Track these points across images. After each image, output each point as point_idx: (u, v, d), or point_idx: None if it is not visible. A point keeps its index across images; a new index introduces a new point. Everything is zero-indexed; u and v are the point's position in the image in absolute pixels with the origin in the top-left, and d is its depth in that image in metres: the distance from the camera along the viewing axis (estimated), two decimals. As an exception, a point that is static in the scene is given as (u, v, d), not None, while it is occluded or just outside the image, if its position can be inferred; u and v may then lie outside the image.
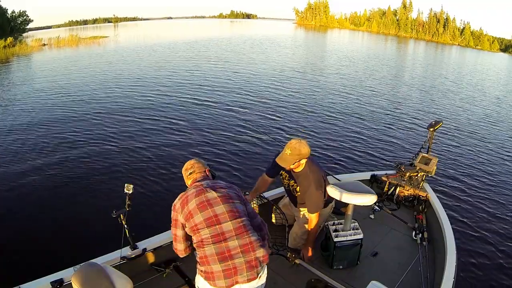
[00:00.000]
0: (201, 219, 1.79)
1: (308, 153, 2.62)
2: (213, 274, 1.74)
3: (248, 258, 1.75)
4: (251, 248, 1.77)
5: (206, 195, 1.85)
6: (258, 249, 1.79)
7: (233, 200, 1.88)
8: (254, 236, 1.82)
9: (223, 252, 1.73)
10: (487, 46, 72.45)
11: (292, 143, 2.61)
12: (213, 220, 1.78)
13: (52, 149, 6.43)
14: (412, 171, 3.61)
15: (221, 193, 1.87)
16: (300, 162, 2.64)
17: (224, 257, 1.73)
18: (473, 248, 4.13)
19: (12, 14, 39.05)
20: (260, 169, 5.83)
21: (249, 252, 1.76)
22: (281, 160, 2.64)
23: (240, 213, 1.84)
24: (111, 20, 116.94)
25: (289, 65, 18.43)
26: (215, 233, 1.76)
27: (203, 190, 1.87)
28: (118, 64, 17.72)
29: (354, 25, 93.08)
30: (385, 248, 2.99)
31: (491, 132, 9.20)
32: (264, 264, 1.83)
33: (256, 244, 1.79)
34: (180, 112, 9.02)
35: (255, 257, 1.77)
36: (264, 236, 2.07)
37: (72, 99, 10.32)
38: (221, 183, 1.97)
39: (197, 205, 1.82)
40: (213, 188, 1.89)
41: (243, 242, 1.76)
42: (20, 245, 3.74)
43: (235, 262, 1.73)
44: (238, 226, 1.79)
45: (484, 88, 16.82)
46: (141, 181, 5.23)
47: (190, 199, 1.86)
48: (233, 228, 1.78)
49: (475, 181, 5.98)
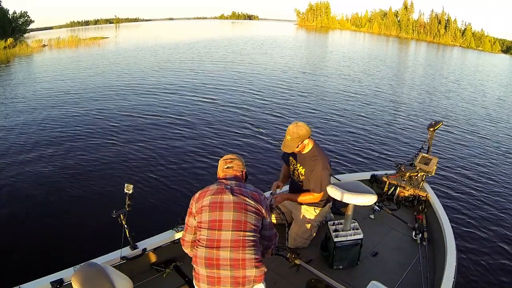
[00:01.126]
0: (206, 218, 1.77)
1: (308, 132, 2.68)
2: (199, 276, 1.74)
3: (236, 274, 1.69)
4: (242, 265, 1.71)
5: (223, 196, 1.81)
6: (251, 268, 1.72)
7: (247, 211, 1.79)
8: (251, 254, 1.74)
9: (211, 259, 1.71)
10: (489, 47, 72.37)
11: (290, 128, 2.69)
12: (215, 224, 1.75)
13: (52, 150, 6.44)
14: (412, 171, 3.61)
15: (238, 199, 1.81)
16: (303, 143, 2.70)
17: (211, 264, 1.70)
18: (473, 248, 4.12)
19: (14, 14, 39.22)
20: (261, 167, 5.84)
21: (238, 269, 1.70)
22: (285, 147, 2.73)
23: (247, 227, 1.77)
24: (113, 21, 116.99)
25: (289, 66, 18.43)
26: (212, 238, 1.74)
27: (223, 191, 1.83)
28: (117, 64, 17.73)
29: (355, 26, 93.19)
30: (385, 248, 2.99)
31: (491, 132, 9.19)
32: (257, 284, 1.76)
33: (250, 262, 1.72)
34: (181, 112, 9.02)
35: (244, 275, 1.70)
36: (270, 246, 2.06)
37: (72, 99, 10.33)
38: (246, 189, 1.88)
39: (210, 203, 1.80)
40: (233, 191, 1.83)
41: (235, 256, 1.71)
42: (20, 245, 3.74)
43: (220, 273, 1.70)
44: (237, 239, 1.73)
45: (485, 89, 16.81)
46: (141, 181, 5.23)
47: (207, 195, 1.83)
48: (231, 239, 1.72)
49: (475, 181, 5.98)
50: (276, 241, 2.07)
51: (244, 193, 1.85)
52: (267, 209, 1.92)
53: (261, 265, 1.77)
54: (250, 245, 1.76)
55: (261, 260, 1.79)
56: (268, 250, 2.11)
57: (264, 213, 1.89)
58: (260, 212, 1.86)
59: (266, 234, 1.96)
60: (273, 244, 2.06)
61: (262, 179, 5.43)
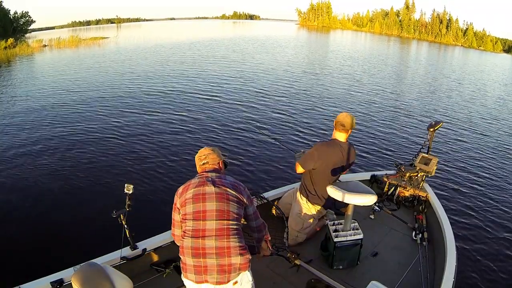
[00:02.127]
0: (191, 210, 1.82)
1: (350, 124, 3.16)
2: (186, 266, 1.78)
3: (221, 262, 1.74)
4: (227, 253, 1.75)
5: (205, 188, 1.88)
6: (236, 256, 1.76)
7: (229, 201, 1.86)
8: (235, 242, 1.78)
9: (197, 248, 1.75)
10: (490, 47, 72.08)
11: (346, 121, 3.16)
12: (200, 215, 1.80)
13: (52, 150, 6.45)
14: (412, 171, 3.61)
15: (219, 190, 1.87)
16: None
17: (197, 253, 1.75)
18: (473, 248, 4.12)
19: (15, 15, 39.27)
20: (262, 167, 5.82)
21: (224, 256, 1.74)
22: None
23: (229, 216, 1.82)
24: (114, 21, 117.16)
25: (290, 65, 18.43)
26: (197, 228, 1.79)
27: (204, 183, 1.90)
28: (117, 64, 17.75)
29: (356, 26, 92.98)
30: (385, 248, 2.99)
31: (492, 132, 9.17)
32: (242, 272, 1.79)
33: (234, 250, 1.76)
34: (181, 111, 9.03)
35: (230, 263, 1.74)
36: (261, 238, 2.11)
37: (72, 99, 10.34)
38: (226, 180, 1.96)
39: (193, 195, 1.85)
40: (215, 183, 1.90)
41: (220, 244, 1.75)
42: (20, 245, 3.75)
43: (206, 261, 1.74)
44: (221, 228, 1.78)
45: (486, 88, 16.78)
46: (141, 181, 5.24)
47: (190, 188, 1.90)
48: (215, 228, 1.77)
49: (475, 181, 5.97)
50: (266, 231, 2.10)
51: (225, 184, 1.92)
52: (248, 198, 1.99)
53: (246, 253, 1.82)
54: (234, 233, 1.80)
55: (245, 248, 1.84)
56: (262, 244, 2.15)
57: (246, 201, 1.96)
58: (242, 201, 1.93)
59: (253, 225, 2.03)
60: (263, 235, 2.10)
61: (262, 177, 5.44)
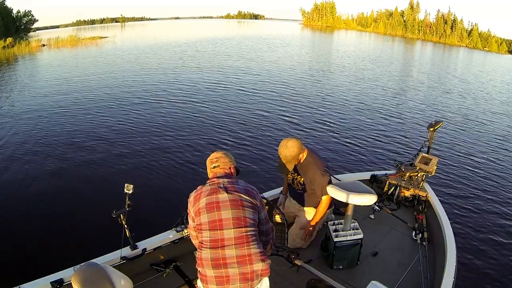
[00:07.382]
0: (206, 220, 1.77)
1: (299, 148, 2.68)
2: (206, 278, 1.72)
3: (243, 270, 1.70)
4: (249, 260, 1.71)
5: (218, 196, 1.81)
6: (257, 262, 1.73)
7: (244, 207, 1.81)
8: (255, 248, 1.75)
9: (218, 259, 1.70)
10: (495, 47, 71.35)
11: (281, 152, 2.69)
12: (216, 224, 1.75)
13: (52, 150, 6.46)
14: (412, 171, 3.60)
15: (233, 197, 1.81)
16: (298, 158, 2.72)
17: (218, 264, 1.70)
18: (473, 248, 4.11)
19: (17, 14, 39.23)
20: (262, 167, 5.82)
21: (246, 264, 1.70)
22: (281, 169, 2.74)
23: (247, 222, 1.78)
24: (119, 20, 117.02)
25: (293, 64, 18.44)
26: (215, 238, 1.73)
27: (216, 190, 1.83)
28: (117, 64, 17.78)
29: (361, 26, 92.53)
30: (385, 248, 2.98)
31: (492, 132, 9.14)
32: (264, 277, 1.77)
33: (255, 257, 1.73)
34: (182, 111, 9.03)
35: (252, 270, 1.71)
36: (268, 241, 2.07)
37: (71, 99, 10.37)
38: (238, 185, 1.90)
39: (206, 204, 1.79)
40: (227, 189, 1.84)
41: (241, 253, 1.71)
42: (20, 245, 3.76)
43: (228, 271, 1.69)
44: (240, 236, 1.73)
45: (488, 88, 16.70)
46: (141, 181, 5.24)
47: (202, 196, 1.83)
48: (234, 237, 1.73)
49: (475, 181, 5.96)
50: (274, 235, 2.08)
51: (238, 189, 1.86)
52: (261, 202, 1.94)
53: (266, 258, 1.78)
54: (253, 239, 1.77)
55: (265, 253, 1.81)
56: (267, 246, 2.12)
57: (259, 206, 1.91)
58: (256, 206, 1.88)
59: (264, 229, 1.98)
60: (270, 238, 2.07)
61: (262, 177, 5.44)
